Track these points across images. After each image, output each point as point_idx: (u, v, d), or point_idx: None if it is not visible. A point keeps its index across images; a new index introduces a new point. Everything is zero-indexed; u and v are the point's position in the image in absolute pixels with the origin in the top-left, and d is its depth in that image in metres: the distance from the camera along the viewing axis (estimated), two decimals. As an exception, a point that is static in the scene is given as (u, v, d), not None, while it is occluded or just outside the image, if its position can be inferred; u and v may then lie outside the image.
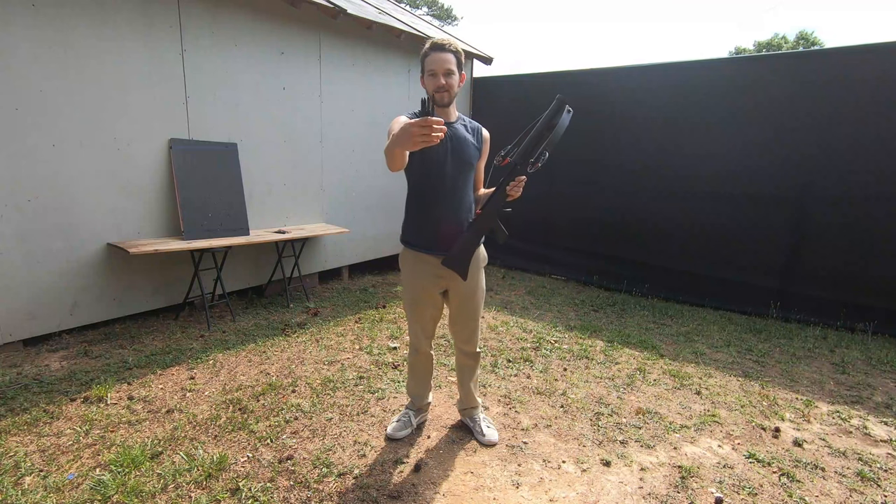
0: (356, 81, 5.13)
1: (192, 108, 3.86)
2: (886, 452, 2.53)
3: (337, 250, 5.24)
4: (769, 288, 4.67)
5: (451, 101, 2.14)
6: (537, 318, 4.42)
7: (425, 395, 2.60)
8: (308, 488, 2.08)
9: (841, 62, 4.24)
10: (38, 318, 3.29)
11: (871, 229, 4.18)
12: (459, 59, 2.10)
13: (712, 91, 4.79)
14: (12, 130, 3.06)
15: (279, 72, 4.42)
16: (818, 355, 3.80)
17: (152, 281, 3.82)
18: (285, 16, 4.37)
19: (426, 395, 2.60)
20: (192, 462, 2.19)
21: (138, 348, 3.41)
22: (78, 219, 3.38)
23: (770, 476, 2.30)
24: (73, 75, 3.25)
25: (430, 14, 25.56)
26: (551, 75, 5.96)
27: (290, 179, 4.67)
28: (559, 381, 3.17)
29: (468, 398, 2.56)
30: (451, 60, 2.06)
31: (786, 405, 2.98)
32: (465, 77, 2.17)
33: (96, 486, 2.01)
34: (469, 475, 2.22)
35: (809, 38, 25.07)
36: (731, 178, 4.74)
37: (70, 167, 3.31)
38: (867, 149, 4.16)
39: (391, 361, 3.35)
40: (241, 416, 2.60)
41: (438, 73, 2.05)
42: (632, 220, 5.36)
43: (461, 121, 2.25)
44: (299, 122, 4.66)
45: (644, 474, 2.27)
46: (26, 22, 3.04)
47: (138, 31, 3.51)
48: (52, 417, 2.52)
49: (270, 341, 3.61)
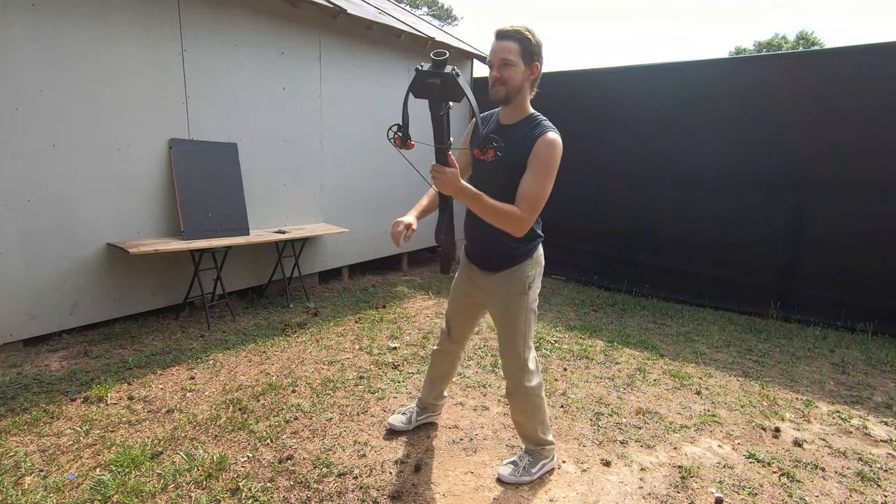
0: (356, 81, 5.13)
1: (192, 108, 3.86)
2: (886, 452, 2.53)
3: (337, 250, 5.24)
4: (769, 288, 4.67)
5: (507, 97, 1.84)
6: (537, 318, 4.42)
7: (430, 394, 2.53)
8: (308, 488, 2.08)
9: (841, 62, 4.24)
10: (38, 318, 3.29)
11: (871, 229, 4.18)
12: (526, 46, 1.79)
13: (712, 91, 4.79)
14: (12, 130, 3.06)
15: (279, 72, 4.42)
16: (818, 355, 3.80)
17: (152, 281, 3.82)
18: (285, 16, 4.37)
19: (430, 394, 2.53)
20: (192, 462, 2.19)
21: (138, 348, 3.41)
22: (78, 219, 3.38)
23: (770, 476, 2.30)
24: (73, 75, 3.25)
25: (430, 14, 25.56)
26: (551, 75, 5.93)
27: (290, 179, 4.67)
28: (559, 381, 3.17)
29: (524, 439, 2.25)
30: (512, 49, 1.79)
31: (786, 405, 2.98)
32: (538, 68, 1.83)
33: (96, 486, 2.01)
34: (469, 475, 2.22)
35: (809, 38, 25.09)
36: (731, 177, 4.74)
37: (70, 167, 3.31)
38: (867, 148, 4.16)
39: (391, 361, 3.35)
40: (241, 416, 2.60)
41: (494, 64, 1.81)
42: (632, 220, 5.36)
43: (531, 122, 1.89)
44: (299, 122, 4.66)
45: (644, 474, 2.27)
46: (26, 22, 3.04)
47: (138, 31, 3.51)
48: (52, 417, 2.52)
49: (270, 341, 3.61)
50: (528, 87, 1.89)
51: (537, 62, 1.83)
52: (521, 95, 1.87)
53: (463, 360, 3.44)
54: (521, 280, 2.04)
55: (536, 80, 1.89)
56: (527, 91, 1.89)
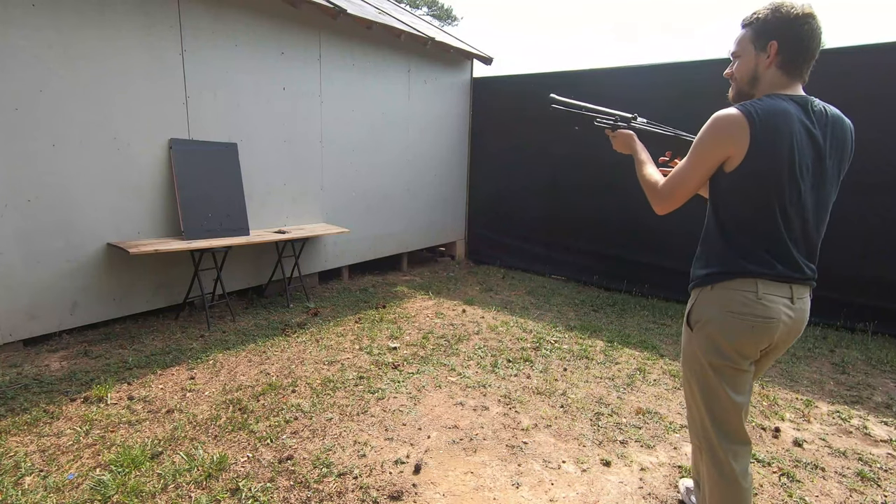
0: (356, 81, 5.13)
1: (192, 108, 3.86)
2: (886, 452, 2.53)
3: (337, 250, 5.24)
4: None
5: (737, 96, 1.58)
6: (537, 318, 4.42)
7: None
8: (308, 488, 2.08)
9: (840, 62, 4.23)
10: (38, 318, 3.29)
11: (871, 229, 4.18)
12: (757, 30, 1.49)
13: (712, 91, 4.75)
14: (12, 130, 3.06)
15: (279, 72, 4.42)
16: (818, 355, 3.80)
17: (152, 281, 3.82)
18: (285, 16, 4.37)
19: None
20: (192, 462, 2.19)
21: (138, 348, 3.41)
22: (78, 219, 3.38)
23: (770, 476, 2.29)
24: (73, 75, 3.25)
25: (430, 14, 25.56)
26: (551, 75, 5.95)
27: (290, 179, 4.67)
28: (559, 381, 3.17)
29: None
30: (741, 37, 1.53)
31: (786, 405, 2.98)
32: (775, 46, 1.45)
33: (96, 486, 2.01)
34: (469, 475, 2.22)
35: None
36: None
37: (70, 167, 3.31)
38: (867, 148, 4.15)
39: (391, 361, 3.34)
40: (241, 416, 2.60)
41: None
42: (632, 220, 5.36)
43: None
44: (299, 122, 4.66)
45: (644, 474, 2.27)
46: (26, 22, 3.04)
47: (138, 31, 3.51)
48: (52, 417, 2.52)
49: (270, 341, 3.61)
50: (771, 74, 1.49)
51: (774, 39, 1.46)
52: (761, 85, 1.52)
53: (464, 360, 3.45)
54: (695, 307, 1.61)
55: (784, 61, 1.47)
56: (769, 79, 1.50)
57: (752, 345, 1.51)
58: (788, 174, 1.41)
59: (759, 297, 1.47)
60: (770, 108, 1.40)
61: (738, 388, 1.55)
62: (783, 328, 1.50)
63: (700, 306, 1.58)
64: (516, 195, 6.28)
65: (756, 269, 1.47)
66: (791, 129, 1.39)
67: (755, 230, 1.48)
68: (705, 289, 1.56)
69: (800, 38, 1.44)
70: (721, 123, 1.43)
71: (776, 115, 1.39)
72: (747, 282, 1.48)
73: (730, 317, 1.50)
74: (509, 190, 6.34)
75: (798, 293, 1.51)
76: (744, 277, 1.48)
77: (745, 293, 1.48)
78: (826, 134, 1.46)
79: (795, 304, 1.50)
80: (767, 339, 1.50)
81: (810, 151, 1.44)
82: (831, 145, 1.47)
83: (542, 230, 6.07)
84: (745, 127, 1.39)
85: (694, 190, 1.56)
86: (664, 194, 1.61)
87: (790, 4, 1.45)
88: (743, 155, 1.41)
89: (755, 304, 1.47)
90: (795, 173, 1.42)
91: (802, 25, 1.44)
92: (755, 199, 1.45)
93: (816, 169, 1.46)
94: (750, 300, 1.47)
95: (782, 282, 1.48)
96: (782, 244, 1.47)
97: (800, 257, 1.50)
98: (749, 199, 1.47)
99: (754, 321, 1.47)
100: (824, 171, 1.48)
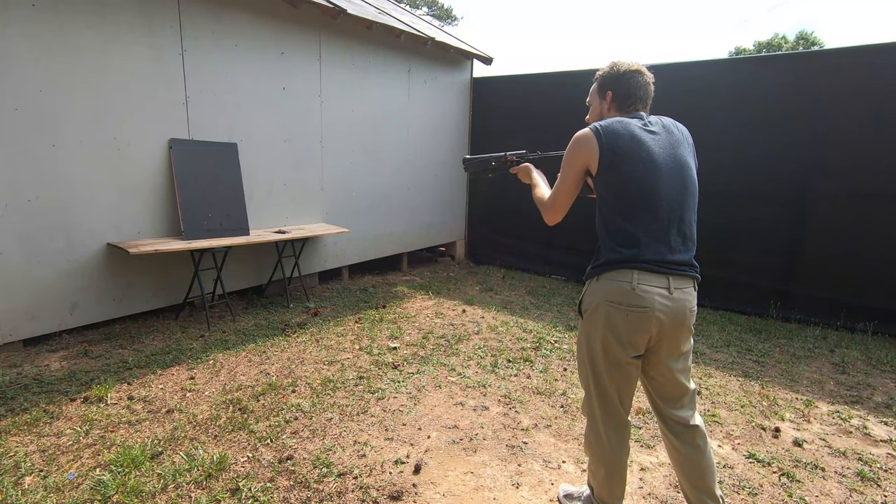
0: (356, 81, 5.13)
1: (192, 108, 3.86)
2: (886, 452, 2.53)
3: (337, 250, 5.24)
4: (769, 288, 4.67)
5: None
6: (537, 318, 4.42)
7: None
8: (308, 488, 2.08)
9: (841, 62, 4.24)
10: (38, 318, 3.29)
11: (871, 229, 4.18)
12: (599, 83, 1.84)
13: (711, 91, 4.79)
14: (12, 130, 3.06)
15: (279, 72, 4.42)
16: (818, 355, 3.80)
17: (152, 281, 3.82)
18: (285, 16, 4.37)
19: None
20: (192, 462, 2.19)
21: (138, 348, 3.41)
22: (78, 219, 3.38)
23: (770, 476, 2.30)
24: (73, 75, 3.25)
25: (430, 14, 25.56)
26: (551, 75, 5.95)
27: (290, 179, 4.67)
28: (559, 381, 3.17)
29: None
30: (591, 89, 1.88)
31: (786, 405, 2.98)
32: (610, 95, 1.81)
33: (96, 486, 2.01)
34: (469, 475, 2.22)
35: (809, 38, 25.08)
36: (730, 177, 4.73)
37: (70, 167, 3.31)
38: (867, 148, 4.16)
39: (391, 361, 3.35)
40: (241, 416, 2.60)
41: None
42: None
43: None
44: (299, 122, 4.66)
45: (644, 474, 2.27)
46: (26, 22, 3.04)
47: (138, 32, 3.51)
48: (52, 417, 2.52)
49: (270, 341, 3.61)
50: (611, 115, 1.80)
51: (609, 91, 1.79)
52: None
53: (464, 361, 3.45)
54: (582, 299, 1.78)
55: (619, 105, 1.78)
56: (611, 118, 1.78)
57: (629, 333, 1.62)
58: (641, 164, 1.60)
59: (634, 286, 1.59)
60: (610, 121, 1.68)
61: (618, 375, 1.70)
62: (662, 318, 1.59)
63: (588, 296, 1.73)
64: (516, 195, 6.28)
65: (631, 259, 1.60)
66: (630, 132, 1.63)
67: (629, 220, 1.62)
68: (593, 279, 1.72)
69: (628, 88, 1.75)
70: (576, 140, 1.70)
71: (614, 124, 1.66)
72: (624, 272, 1.61)
73: (609, 305, 1.63)
74: (509, 190, 6.34)
75: (676, 284, 1.62)
76: (621, 268, 1.62)
77: (622, 283, 1.61)
78: (662, 131, 1.68)
79: (673, 294, 1.61)
80: (644, 328, 1.60)
81: (653, 145, 1.63)
82: (673, 139, 1.68)
83: (542, 230, 6.07)
84: (592, 138, 1.64)
85: (568, 197, 1.78)
86: (548, 206, 1.84)
87: (622, 63, 1.78)
88: (598, 158, 1.63)
89: (631, 293, 1.59)
90: (646, 162, 1.61)
91: (629, 79, 1.75)
92: (621, 191, 1.63)
93: (667, 158, 1.63)
94: (626, 289, 1.60)
95: (658, 272, 1.59)
96: (653, 232, 1.61)
97: (676, 244, 1.63)
98: (617, 193, 1.64)
99: (629, 310, 1.59)
100: (676, 159, 1.65)
